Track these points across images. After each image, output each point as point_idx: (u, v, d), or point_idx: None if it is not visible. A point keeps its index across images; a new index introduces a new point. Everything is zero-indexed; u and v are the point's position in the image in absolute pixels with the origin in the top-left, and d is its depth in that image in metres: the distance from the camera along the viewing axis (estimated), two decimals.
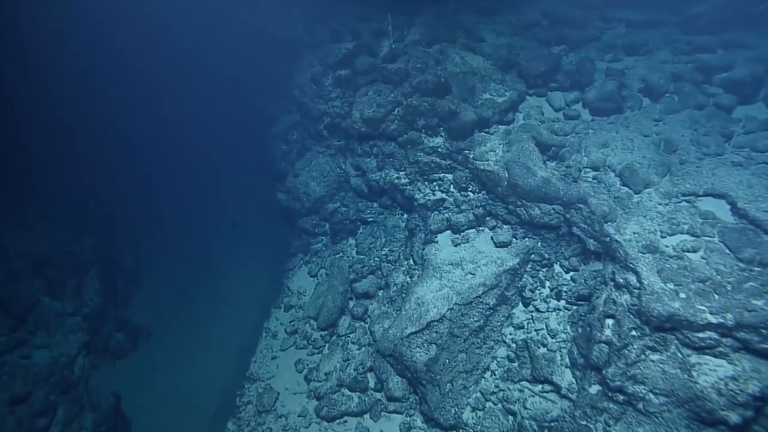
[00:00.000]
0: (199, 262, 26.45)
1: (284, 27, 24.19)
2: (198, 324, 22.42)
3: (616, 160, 12.43)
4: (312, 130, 18.61)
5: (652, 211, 11.05)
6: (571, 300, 11.78)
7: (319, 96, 18.00)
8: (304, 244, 17.98)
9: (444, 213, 13.74)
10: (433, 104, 13.05)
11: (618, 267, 10.16)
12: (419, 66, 13.61)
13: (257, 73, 26.94)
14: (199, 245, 27.54)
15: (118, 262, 24.04)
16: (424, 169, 13.92)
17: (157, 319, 23.08)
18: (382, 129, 13.90)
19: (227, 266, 25.89)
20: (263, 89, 26.24)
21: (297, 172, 18.35)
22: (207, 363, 20.28)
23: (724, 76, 14.53)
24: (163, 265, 26.26)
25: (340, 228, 16.79)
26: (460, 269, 12.59)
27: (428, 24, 16.40)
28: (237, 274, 25.07)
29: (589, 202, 11.15)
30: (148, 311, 23.61)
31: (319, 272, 16.88)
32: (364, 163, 15.92)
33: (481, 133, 13.55)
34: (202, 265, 26.28)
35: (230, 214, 28.41)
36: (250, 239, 27.07)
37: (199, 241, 27.81)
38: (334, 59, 17.80)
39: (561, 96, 15.02)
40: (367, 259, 15.64)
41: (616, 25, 19.48)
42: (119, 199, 27.34)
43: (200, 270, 25.90)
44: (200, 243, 27.69)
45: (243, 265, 25.25)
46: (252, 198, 28.18)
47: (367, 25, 18.21)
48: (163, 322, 22.96)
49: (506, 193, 12.08)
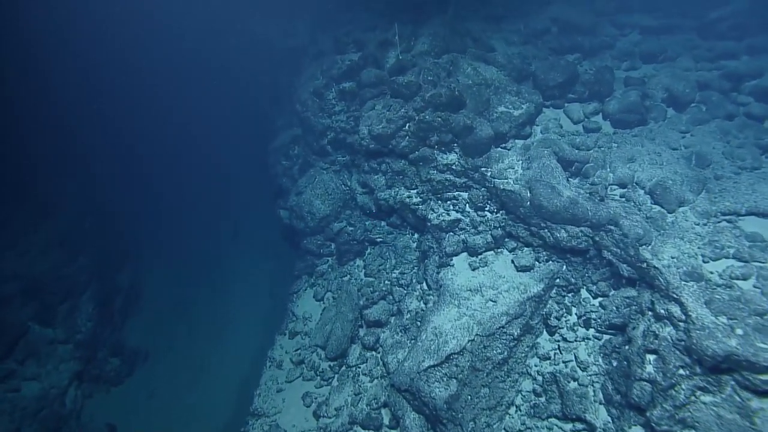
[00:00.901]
0: (199, 279, 25.51)
1: (286, 36, 23.48)
2: (198, 346, 21.47)
3: (645, 176, 11.57)
4: (315, 146, 17.77)
5: (690, 233, 10.19)
6: (602, 329, 10.86)
7: (322, 110, 17.18)
8: (308, 265, 17.07)
9: (460, 234, 12.87)
10: (447, 119, 12.22)
11: (658, 296, 9.26)
12: (431, 78, 12.79)
13: (258, 83, 26.23)
14: (200, 261, 26.62)
15: (114, 280, 23.09)
16: (437, 187, 13.06)
17: (155, 340, 22.12)
18: (392, 146, 13.05)
19: (229, 284, 24.97)
20: (264, 100, 25.50)
21: (300, 189, 17.48)
22: (207, 389, 19.31)
23: (753, 83, 13.74)
24: (162, 281, 25.34)
25: (346, 249, 15.89)
26: (479, 296, 11.68)
27: (436, 34, 15.61)
28: (239, 293, 24.14)
29: (620, 224, 10.27)
30: (146, 332, 22.65)
31: (325, 296, 15.95)
32: (371, 181, 15.06)
33: (497, 149, 12.71)
34: (203, 281, 25.33)
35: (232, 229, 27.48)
36: (252, 257, 26.16)
37: (200, 256, 26.89)
38: (337, 71, 17.01)
39: (579, 107, 14.21)
40: (377, 283, 14.73)
41: (629, 31, 18.72)
42: (117, 213, 26.48)
43: (201, 287, 24.96)
44: (201, 258, 26.77)
45: (245, 283, 24.34)
46: (254, 214, 27.27)
47: (371, 35, 17.43)
48: (161, 344, 22.00)
49: (529, 214, 11.20)
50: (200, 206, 30.22)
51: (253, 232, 27.14)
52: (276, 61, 23.64)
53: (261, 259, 24.81)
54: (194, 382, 19.62)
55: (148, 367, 21.02)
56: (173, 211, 29.92)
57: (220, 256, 26.51)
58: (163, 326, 22.85)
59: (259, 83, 25.82)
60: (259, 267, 24.90)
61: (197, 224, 29.02)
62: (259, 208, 27.35)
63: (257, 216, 26.86)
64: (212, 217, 29.49)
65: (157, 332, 22.42)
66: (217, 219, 29.01)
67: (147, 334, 22.32)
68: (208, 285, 25.03)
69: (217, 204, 30.16)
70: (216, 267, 26.19)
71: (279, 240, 24.05)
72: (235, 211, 28.95)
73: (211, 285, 25.05)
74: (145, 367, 20.95)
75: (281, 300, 20.17)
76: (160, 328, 22.72)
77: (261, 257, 24.89)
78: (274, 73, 23.96)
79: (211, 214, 29.73)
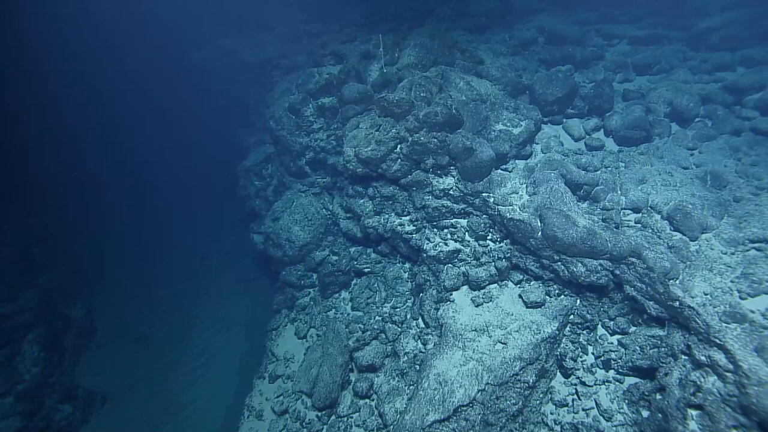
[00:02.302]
0: (164, 310, 23.31)
1: (254, 48, 21.97)
2: (164, 387, 19.40)
3: (661, 199, 10.64)
4: (292, 167, 16.30)
5: (719, 264, 9.25)
6: (624, 371, 9.79)
7: (299, 128, 15.75)
8: (288, 298, 15.50)
9: (460, 266, 11.63)
10: (444, 140, 11.01)
11: (695, 339, 8.23)
12: (423, 95, 11.56)
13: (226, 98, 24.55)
14: (165, 290, 24.45)
15: (65, 315, 20.74)
16: (433, 214, 11.80)
17: (115, 380, 19.81)
18: (382, 170, 11.73)
19: (198, 316, 22.89)
20: (233, 117, 23.85)
21: (276, 214, 15.95)
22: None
23: (757, 97, 13.12)
24: (122, 313, 23.00)
25: (330, 281, 14.43)
26: (486, 336, 10.45)
27: (423, 45, 14.47)
28: (210, 327, 22.09)
29: (644, 256, 9.24)
30: (103, 371, 20.32)
31: (308, 333, 14.44)
32: (357, 206, 13.71)
33: (498, 171, 11.57)
34: (169, 313, 23.16)
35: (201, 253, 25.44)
36: (223, 286, 24.19)
37: (165, 284, 24.71)
38: (315, 85, 15.64)
39: (579, 123, 13.29)
40: (367, 318, 13.33)
41: (617, 41, 18.12)
42: (71, 240, 24.14)
43: (166, 319, 22.79)
44: (166, 287, 24.60)
45: (216, 315, 22.33)
46: (224, 238, 25.36)
47: (351, 46, 16.18)
48: (121, 384, 19.73)
49: (540, 245, 10.05)
50: (165, 230, 28.07)
51: (223, 258, 25.23)
52: (245, 75, 22.10)
53: (233, 289, 22.93)
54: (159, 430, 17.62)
55: (107, 412, 18.75)
56: (135, 235, 27.68)
57: (188, 284, 24.45)
58: (123, 364, 20.58)
59: (227, 99, 24.15)
60: (232, 297, 23.00)
61: (162, 249, 26.85)
62: (229, 231, 25.57)
63: (228, 240, 25.03)
64: (178, 241, 27.39)
65: (116, 371, 20.16)
66: (184, 243, 26.93)
67: (105, 374, 20.06)
68: (175, 316, 22.91)
69: (184, 227, 28.07)
70: (183, 296, 24.10)
71: (253, 267, 22.34)
72: (203, 234, 26.96)
73: (178, 316, 22.94)
74: (103, 413, 18.68)
75: (258, 337, 18.50)
76: (121, 365, 20.45)
77: (233, 287, 23.01)
78: (243, 88, 22.38)
79: (177, 238, 27.63)
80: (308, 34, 22.16)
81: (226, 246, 25.26)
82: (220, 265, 25.16)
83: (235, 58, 23.36)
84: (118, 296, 23.96)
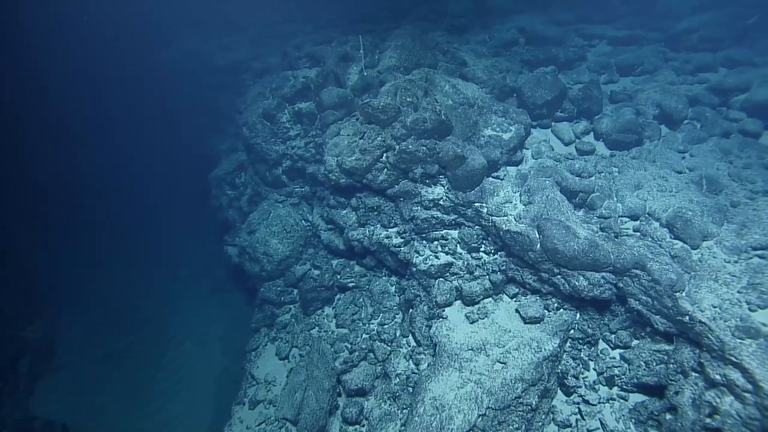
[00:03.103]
0: (132, 328, 21.90)
1: (224, 50, 20.89)
2: (131, 415, 18.11)
3: (659, 206, 10.27)
4: (268, 176, 15.39)
5: (723, 273, 8.90)
6: (628, 388, 9.34)
7: (275, 135, 14.87)
8: (267, 316, 14.58)
9: (452, 280, 11.00)
10: (433, 148, 10.35)
11: (708, 357, 7.81)
12: (410, 100, 10.89)
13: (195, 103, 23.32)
14: (133, 306, 23.01)
15: (20, 337, 19.14)
16: (422, 226, 11.14)
17: (76, 406, 18.32)
18: (367, 180, 10.99)
19: (170, 334, 21.59)
20: (203, 122, 22.66)
21: (252, 227, 15.01)
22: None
23: (743, 98, 12.98)
24: (85, 332, 21.49)
25: (313, 297, 13.60)
26: (483, 355, 9.84)
27: (404, 46, 13.82)
28: (183, 346, 20.84)
29: (648, 268, 8.80)
30: (63, 396, 18.78)
31: (290, 353, 13.56)
32: (339, 217, 12.95)
33: (489, 179, 11.01)
34: (137, 331, 21.76)
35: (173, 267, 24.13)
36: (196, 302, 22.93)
37: (133, 300, 23.27)
38: (290, 90, 14.80)
39: (569, 127, 12.87)
40: (354, 337, 12.57)
41: (597, 42, 17.91)
42: (28, 256, 22.51)
43: (134, 338, 21.40)
44: (133, 303, 23.16)
45: (189, 333, 21.11)
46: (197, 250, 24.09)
47: (328, 48, 15.38)
48: (83, 412, 18.25)
49: (539, 259, 9.51)
50: (132, 240, 26.54)
51: (195, 269, 23.96)
52: (214, 78, 20.98)
53: (207, 301, 21.74)
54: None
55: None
56: (100, 247, 26.07)
57: (158, 300, 23.09)
58: (88, 387, 19.13)
59: (195, 103, 22.92)
60: (205, 310, 21.79)
61: (129, 261, 25.36)
62: (202, 242, 24.34)
63: (199, 251, 23.81)
64: (147, 252, 25.92)
65: (78, 396, 18.66)
66: (153, 254, 25.50)
67: (65, 400, 18.54)
68: (145, 332, 21.55)
69: (152, 239, 26.61)
70: (153, 310, 22.74)
71: (227, 281, 21.24)
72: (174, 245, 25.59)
73: (149, 331, 21.60)
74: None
75: (235, 351, 17.50)
76: (83, 390, 18.95)
77: (207, 299, 21.82)
78: (212, 92, 21.25)
79: (146, 249, 26.15)
80: (280, 35, 21.25)
81: (198, 257, 24.03)
82: (192, 277, 23.91)
83: (203, 60, 22.21)
84: (81, 312, 22.40)
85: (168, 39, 24.39)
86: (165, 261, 24.67)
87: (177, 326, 22.02)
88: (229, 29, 23.52)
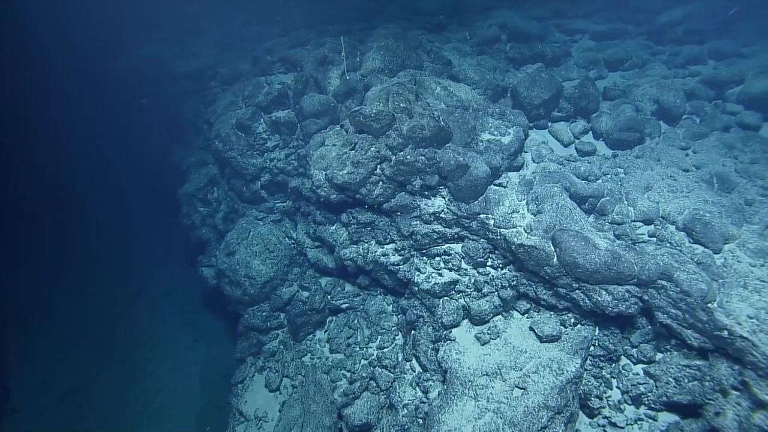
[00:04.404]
0: (99, 354, 20.08)
1: (186, 56, 19.46)
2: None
3: (673, 208, 9.70)
4: (245, 192, 14.19)
5: (752, 279, 8.36)
6: (657, 407, 8.71)
7: (251, 147, 13.70)
8: (253, 344, 13.39)
9: (458, 299, 10.16)
10: (433, 157, 9.47)
11: (754, 375, 7.21)
12: (403, 106, 9.97)
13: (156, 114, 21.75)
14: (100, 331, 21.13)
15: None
16: (422, 241, 10.24)
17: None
18: (362, 195, 10.01)
19: (141, 357, 19.86)
20: (165, 134, 21.14)
21: (231, 248, 13.78)
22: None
23: (738, 90, 12.65)
24: (44, 364, 19.55)
25: (303, 321, 12.52)
26: (500, 381, 9.02)
27: (387, 47, 12.90)
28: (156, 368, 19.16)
29: (675, 278, 8.16)
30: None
31: (281, 384, 12.43)
32: (328, 234, 11.93)
33: (492, 187, 10.20)
34: (105, 357, 19.93)
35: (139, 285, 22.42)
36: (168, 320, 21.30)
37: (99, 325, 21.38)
38: (265, 97, 13.66)
39: (567, 127, 12.24)
40: (351, 363, 11.56)
41: (579, 37, 17.45)
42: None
43: (101, 365, 19.57)
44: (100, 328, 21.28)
45: (162, 355, 19.47)
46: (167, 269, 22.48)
47: (302, 51, 14.31)
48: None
49: (557, 274, 8.76)
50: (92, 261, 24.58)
51: (165, 290, 22.32)
52: (177, 86, 19.53)
53: (181, 330, 20.21)
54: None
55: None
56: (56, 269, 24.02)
57: (125, 325, 21.33)
58: (48, 429, 17.35)
59: (155, 114, 21.35)
60: (178, 333, 20.22)
61: (89, 284, 23.43)
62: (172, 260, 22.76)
63: (170, 271, 22.24)
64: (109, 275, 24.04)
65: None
66: (116, 277, 23.64)
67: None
68: (110, 365, 19.73)
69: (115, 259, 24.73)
70: (120, 340, 20.94)
71: (202, 304, 19.82)
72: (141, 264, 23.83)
73: (115, 365, 19.81)
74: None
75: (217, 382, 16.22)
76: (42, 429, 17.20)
77: (181, 327, 20.28)
78: (175, 101, 19.78)
79: (108, 272, 24.26)
80: (247, 38, 20.00)
81: (168, 278, 22.44)
82: (163, 299, 22.24)
83: (163, 68, 20.70)
84: (38, 343, 20.39)
85: (122, 47, 22.67)
86: (130, 282, 22.93)
87: (148, 353, 20.30)
88: (190, 33, 22.08)
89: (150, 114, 21.83)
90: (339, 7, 21.03)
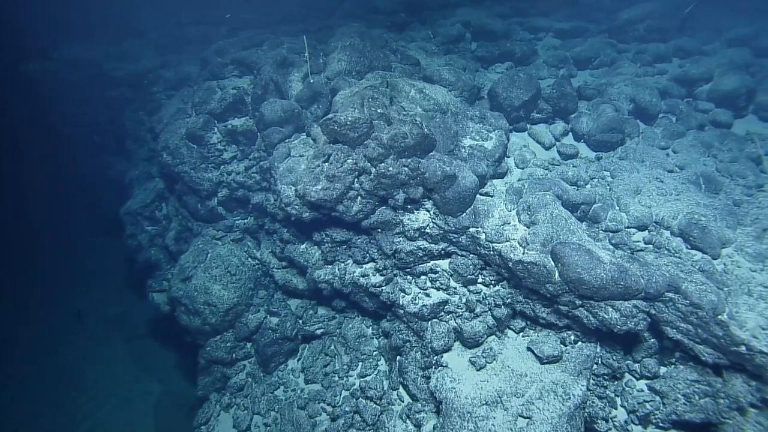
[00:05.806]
0: (33, 394, 17.79)
1: (123, 59, 17.55)
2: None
3: (666, 212, 9.31)
4: (200, 210, 12.76)
5: (755, 285, 8.03)
6: (666, 425, 8.23)
7: (205, 159, 12.28)
8: (217, 378, 12.00)
9: (448, 320, 9.33)
10: (417, 168, 8.57)
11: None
12: (381, 111, 8.99)
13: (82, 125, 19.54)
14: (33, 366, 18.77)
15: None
16: (406, 260, 9.33)
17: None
18: (339, 213, 8.94)
19: (83, 391, 17.68)
20: (101, 147, 19.07)
21: (186, 272, 12.30)
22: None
23: (708, 88, 12.59)
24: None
25: (274, 351, 11.31)
26: (501, 410, 8.25)
27: (353, 47, 11.89)
28: (103, 403, 17.12)
29: (683, 290, 7.68)
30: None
31: (251, 422, 11.16)
32: (297, 254, 10.78)
33: (479, 197, 9.44)
34: (40, 397, 17.67)
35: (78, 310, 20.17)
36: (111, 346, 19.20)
37: (33, 359, 18.99)
38: (219, 104, 12.30)
39: (546, 129, 11.71)
40: (331, 395, 10.47)
41: (543, 35, 17.12)
42: None
43: (36, 403, 17.33)
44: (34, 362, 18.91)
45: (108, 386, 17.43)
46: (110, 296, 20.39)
47: (258, 52, 13.04)
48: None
49: (560, 291, 8.08)
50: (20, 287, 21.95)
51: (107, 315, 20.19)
52: (112, 92, 17.54)
53: (129, 359, 18.26)
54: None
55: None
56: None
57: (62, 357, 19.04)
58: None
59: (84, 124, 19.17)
60: (127, 369, 18.26)
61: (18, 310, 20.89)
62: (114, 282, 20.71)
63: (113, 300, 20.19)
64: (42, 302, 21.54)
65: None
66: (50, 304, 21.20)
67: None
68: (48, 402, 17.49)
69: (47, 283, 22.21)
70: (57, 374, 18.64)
71: (151, 330, 18.03)
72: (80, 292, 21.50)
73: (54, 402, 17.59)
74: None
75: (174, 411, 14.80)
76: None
77: (128, 356, 18.32)
78: (111, 109, 17.79)
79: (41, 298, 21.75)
80: (191, 40, 18.35)
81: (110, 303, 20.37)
82: (107, 326, 20.11)
83: (93, 71, 18.57)
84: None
85: (43, 47, 20.17)
86: (67, 310, 20.59)
87: (92, 386, 18.17)
88: (125, 33, 20.04)
89: (80, 124, 19.62)
90: (291, 6, 19.79)
